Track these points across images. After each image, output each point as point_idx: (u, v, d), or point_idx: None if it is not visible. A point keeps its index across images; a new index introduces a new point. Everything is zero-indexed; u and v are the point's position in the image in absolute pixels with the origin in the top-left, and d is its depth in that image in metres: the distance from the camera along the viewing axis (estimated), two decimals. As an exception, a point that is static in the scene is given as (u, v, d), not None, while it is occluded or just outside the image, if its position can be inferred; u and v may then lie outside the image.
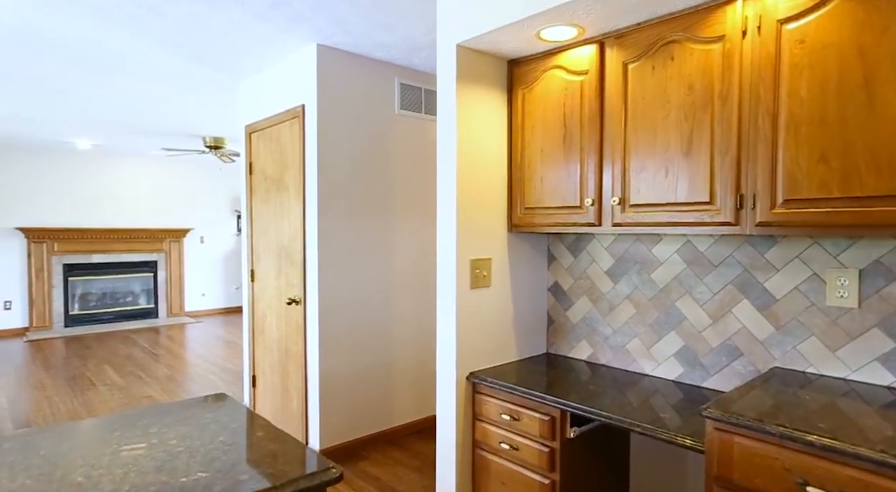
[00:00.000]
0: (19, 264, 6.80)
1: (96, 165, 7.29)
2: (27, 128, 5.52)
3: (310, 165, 2.96)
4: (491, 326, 2.17)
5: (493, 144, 2.15)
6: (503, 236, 2.20)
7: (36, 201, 6.89)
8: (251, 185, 3.60)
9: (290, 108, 3.12)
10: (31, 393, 4.28)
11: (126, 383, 4.56)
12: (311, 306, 2.99)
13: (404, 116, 3.28)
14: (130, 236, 7.48)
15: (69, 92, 4.07)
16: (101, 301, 7.44)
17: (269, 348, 3.44)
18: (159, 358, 5.45)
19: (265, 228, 3.45)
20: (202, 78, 3.67)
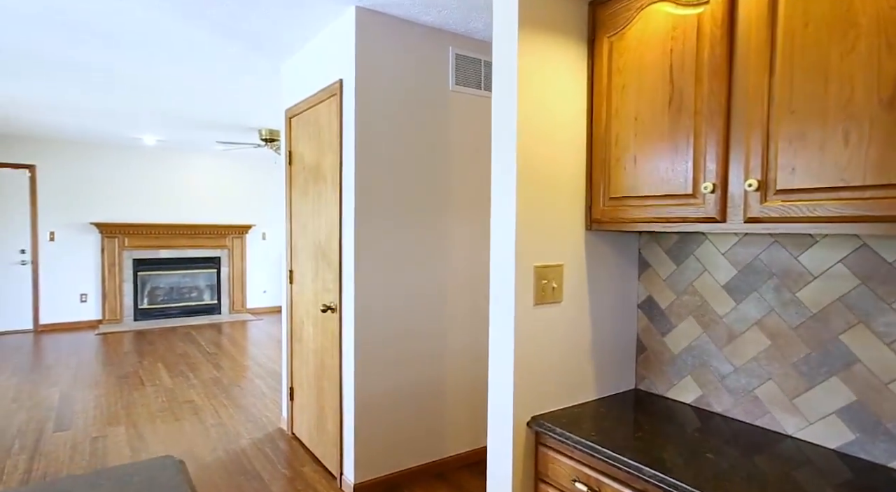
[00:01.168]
0: (94, 259, 6.99)
1: (163, 161, 7.38)
2: (100, 123, 5.56)
3: (347, 151, 2.54)
4: (561, 353, 1.63)
5: (567, 113, 1.60)
6: (579, 236, 1.66)
7: (109, 197, 7.06)
8: (290, 176, 3.25)
9: (327, 84, 2.72)
10: (83, 391, 4.21)
11: (173, 384, 4.40)
12: (346, 315, 2.57)
13: (460, 94, 2.79)
14: (195, 232, 7.53)
15: (125, 82, 3.93)
16: (168, 296, 7.53)
17: (306, 360, 3.07)
18: (212, 358, 5.31)
19: (303, 225, 3.08)
20: (245, 60, 3.36)
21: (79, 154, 6.85)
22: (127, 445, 3.17)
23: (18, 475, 2.80)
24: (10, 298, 6.56)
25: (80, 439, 3.27)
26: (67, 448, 3.13)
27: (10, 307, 6.56)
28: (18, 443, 3.21)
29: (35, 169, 6.63)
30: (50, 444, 3.20)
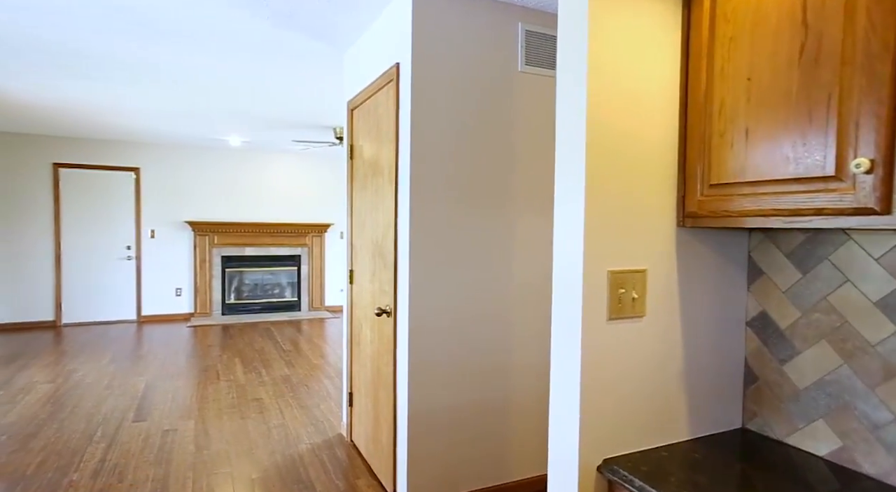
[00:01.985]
0: (188, 255, 7.41)
1: (247, 161, 7.68)
2: (190, 126, 5.84)
3: (403, 140, 2.33)
4: (643, 380, 1.29)
5: (654, 76, 1.27)
6: (667, 234, 1.31)
7: (200, 197, 7.45)
8: (352, 170, 3.11)
9: (384, 70, 2.52)
10: (166, 382, 4.37)
11: (245, 380, 4.46)
12: (401, 320, 2.36)
13: (531, 75, 2.48)
14: (277, 231, 7.76)
15: (200, 82, 4.02)
16: (252, 292, 7.83)
17: (364, 365, 2.91)
18: (285, 355, 5.37)
19: (362, 222, 2.92)
20: (308, 52, 3.27)
21: (175, 157, 7.29)
22: (192, 441, 3.19)
23: (93, 464, 2.88)
24: (118, 291, 7.10)
25: (153, 430, 3.34)
26: (140, 440, 3.20)
27: (118, 299, 7.11)
28: (101, 430, 3.34)
29: (139, 171, 7.13)
30: (126, 434, 3.29)
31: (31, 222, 6.66)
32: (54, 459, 2.95)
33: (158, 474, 2.77)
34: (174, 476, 2.75)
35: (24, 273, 6.64)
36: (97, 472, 2.80)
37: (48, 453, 3.03)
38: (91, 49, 3.30)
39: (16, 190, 6.58)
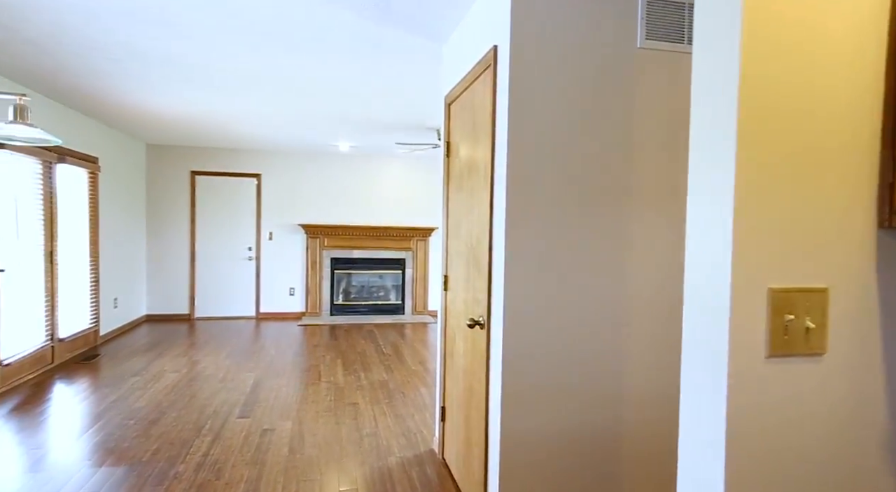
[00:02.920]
0: (301, 257, 7.78)
1: (355, 166, 7.89)
2: (304, 133, 6.10)
3: (500, 131, 2.07)
4: (821, 447, 0.91)
5: (839, 25, 0.89)
6: (862, 239, 0.92)
7: (312, 200, 7.79)
8: (448, 169, 2.91)
9: (481, 56, 2.29)
10: (272, 379, 4.52)
11: (345, 383, 4.47)
12: (495, 332, 2.10)
13: (652, 52, 2.10)
14: (383, 234, 7.87)
15: (305, 88, 4.10)
16: (359, 294, 8.03)
17: (456, 379, 2.69)
18: (385, 359, 5.34)
19: (457, 224, 2.71)
20: (408, 47, 3.15)
21: (291, 162, 7.69)
22: (287, 443, 3.19)
23: (198, 458, 2.97)
24: (240, 289, 7.64)
25: (253, 428, 3.40)
26: (241, 437, 3.27)
27: (239, 296, 7.64)
28: (210, 424, 3.48)
29: (260, 177, 7.63)
30: (230, 429, 3.39)
31: (174, 224, 7.38)
32: (167, 448, 3.09)
33: (252, 475, 2.77)
34: (266, 479, 2.74)
35: (167, 270, 7.38)
36: (200, 466, 2.87)
37: (163, 441, 3.19)
38: (208, 59, 3.46)
39: (163, 195, 7.34)
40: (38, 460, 2.93)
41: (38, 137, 1.57)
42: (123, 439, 3.22)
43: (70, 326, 5.19)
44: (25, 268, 4.44)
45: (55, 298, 4.87)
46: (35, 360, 4.59)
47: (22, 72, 3.88)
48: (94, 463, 2.89)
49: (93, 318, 5.64)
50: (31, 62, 3.64)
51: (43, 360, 4.72)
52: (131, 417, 3.59)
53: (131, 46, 3.26)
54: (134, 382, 4.39)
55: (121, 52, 3.37)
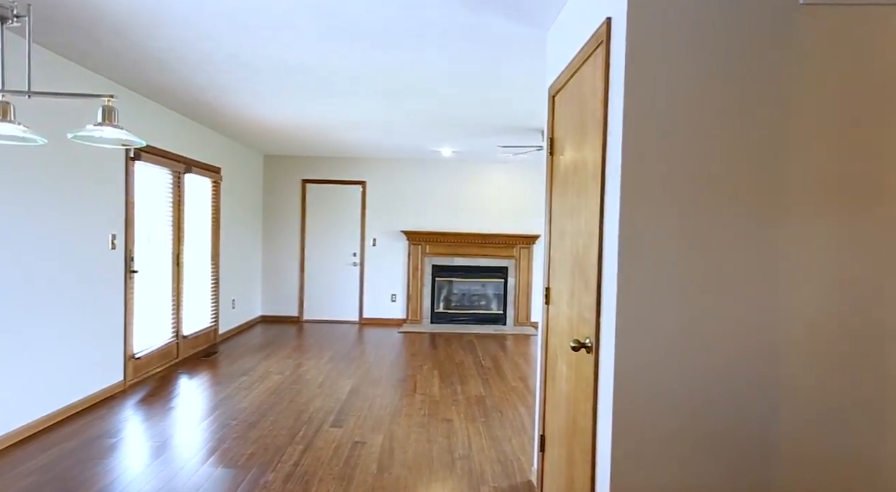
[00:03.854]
0: (403, 263, 7.81)
1: (457, 172, 7.76)
2: (408, 139, 6.09)
3: (613, 119, 1.74)
4: None
5: None
6: None
7: (414, 207, 7.79)
8: (551, 168, 2.60)
9: (591, 33, 1.97)
10: (367, 388, 4.46)
11: (440, 396, 4.28)
12: (605, 361, 1.75)
13: (821, 9, 1.64)
14: (485, 241, 7.66)
15: (405, 90, 4.01)
16: (459, 302, 7.87)
17: (558, 407, 2.35)
18: (484, 372, 5.08)
19: (561, 230, 2.38)
20: (507, 34, 2.90)
21: (395, 169, 7.77)
22: (377, 459, 3.04)
23: (288, 467, 2.92)
24: (344, 294, 7.84)
25: (344, 440, 3.32)
26: (331, 448, 3.19)
27: (344, 301, 7.84)
28: (304, 430, 3.46)
29: (365, 184, 7.79)
30: (322, 439, 3.33)
31: (286, 230, 7.77)
32: (261, 453, 3.09)
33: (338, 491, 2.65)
34: (352, 498, 2.60)
35: (279, 274, 7.78)
36: (289, 476, 2.81)
37: (259, 446, 3.20)
38: (307, 65, 3.47)
39: (277, 203, 7.76)
40: (154, 451, 3.06)
41: (123, 137, 1.53)
42: (224, 439, 3.29)
43: (193, 325, 5.58)
44: (156, 270, 4.82)
45: (181, 298, 5.25)
46: (162, 355, 4.96)
47: (151, 87, 4.21)
48: (196, 462, 2.96)
49: (213, 317, 6.04)
50: (158, 78, 3.92)
51: (169, 355, 5.09)
52: (234, 417, 3.68)
53: (238, 57, 3.36)
54: (242, 381, 4.56)
55: (230, 63, 3.49)
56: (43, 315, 3.41)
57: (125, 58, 3.45)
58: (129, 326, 4.34)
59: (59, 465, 2.90)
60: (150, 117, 4.60)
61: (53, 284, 3.49)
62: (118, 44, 3.19)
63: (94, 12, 2.73)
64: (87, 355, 3.84)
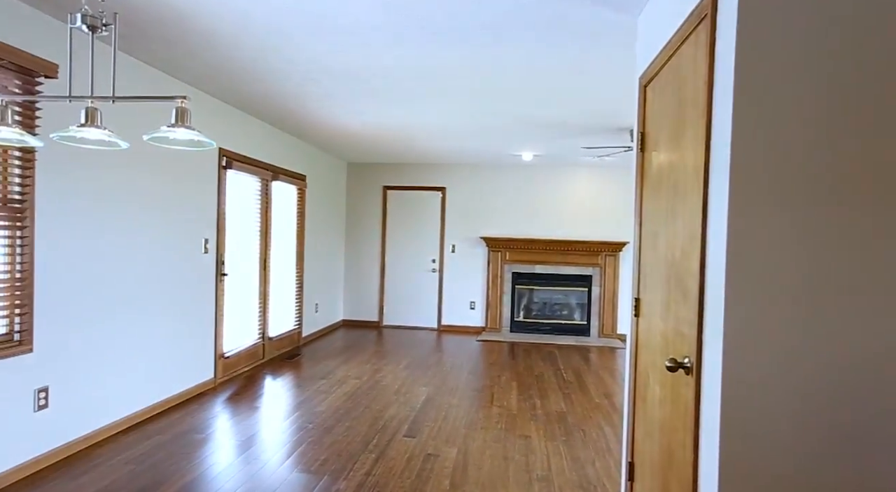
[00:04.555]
0: (482, 270, 7.67)
1: (539, 176, 7.51)
2: (488, 144, 5.98)
3: (719, 104, 1.49)
4: None
5: None
6: None
7: (494, 213, 7.64)
8: (641, 166, 2.35)
9: (693, 6, 1.72)
10: (443, 397, 4.35)
11: (518, 410, 4.07)
12: (709, 385, 1.50)
13: None
14: (568, 249, 7.33)
15: (488, 91, 3.89)
16: (540, 311, 7.59)
17: (650, 433, 2.09)
18: (565, 386, 4.80)
19: (653, 234, 2.13)
20: (593, 21, 2.69)
21: (475, 175, 7.67)
22: (449, 475, 2.91)
23: (359, 477, 2.86)
24: (423, 300, 7.83)
25: (417, 451, 3.22)
26: (403, 459, 3.10)
27: (423, 307, 7.83)
28: (377, 439, 3.40)
29: (445, 190, 7.76)
30: (395, 449, 3.25)
31: (367, 236, 7.92)
32: (334, 460, 3.07)
33: (409, 507, 2.55)
34: (423, 515, 2.48)
35: (360, 279, 7.93)
36: (360, 486, 2.75)
37: (333, 451, 3.18)
38: (385, 67, 3.45)
39: (359, 210, 7.94)
40: (236, 449, 3.14)
41: (195, 138, 1.53)
42: (301, 442, 3.31)
43: (278, 327, 5.78)
44: (244, 273, 5.05)
45: (267, 301, 5.46)
46: (249, 355, 5.17)
47: (241, 97, 4.40)
48: (273, 463, 2.98)
49: (297, 320, 6.24)
50: (246, 88, 4.09)
51: (256, 355, 5.30)
52: (312, 420, 3.71)
53: (317, 63, 3.40)
54: (321, 385, 4.63)
55: (310, 71, 3.55)
56: (145, 314, 3.63)
57: (215, 69, 3.62)
58: (219, 327, 4.55)
59: (153, 456, 3.04)
60: (239, 127, 4.83)
61: (154, 285, 3.72)
62: (209, 55, 3.34)
63: (186, 25, 2.86)
64: (182, 353, 4.06)
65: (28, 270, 2.79)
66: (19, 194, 2.75)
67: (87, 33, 1.64)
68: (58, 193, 2.94)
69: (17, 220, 2.74)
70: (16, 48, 2.63)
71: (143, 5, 2.61)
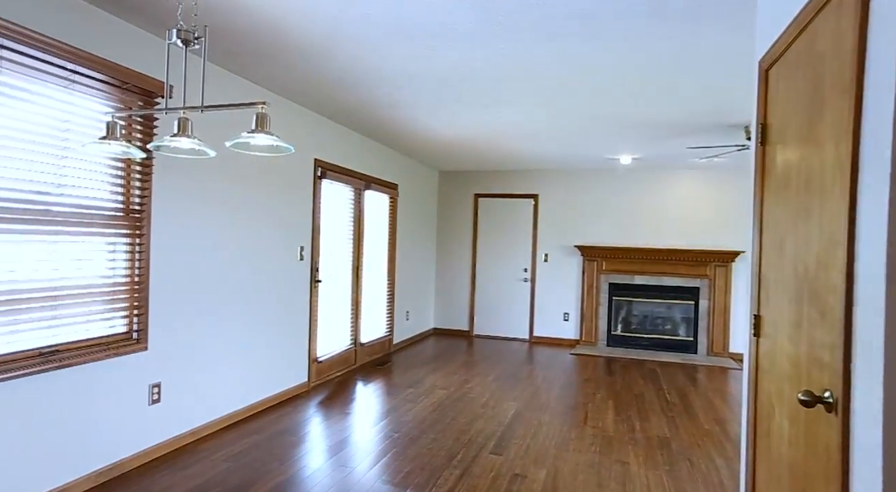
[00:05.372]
0: (576, 281, 7.32)
1: (638, 181, 7.03)
2: (583, 147, 5.72)
3: (875, 84, 1.20)
4: None
5: None
6: None
7: (589, 220, 7.27)
8: (762, 161, 2.03)
9: (829, -31, 1.43)
10: (533, 413, 4.14)
11: (614, 432, 3.75)
12: (863, 428, 1.20)
13: None
14: (671, 258, 6.78)
15: (579, 86, 3.68)
16: (640, 325, 7.09)
17: (776, 475, 1.77)
18: (669, 409, 4.38)
19: (778, 242, 1.81)
20: (704, 5, 2.41)
21: (568, 181, 7.37)
22: (537, 499, 2.71)
23: (443, 492, 2.76)
24: (514, 310, 7.63)
25: (503, 471, 3.05)
26: (489, 478, 2.95)
27: (514, 318, 7.63)
28: (462, 454, 3.29)
29: (537, 197, 7.53)
30: (480, 466, 3.11)
31: (458, 245, 7.89)
32: (417, 473, 2.99)
33: (493, 532, 2.39)
34: (507, 542, 2.31)
35: (451, 287, 7.91)
36: (443, 503, 2.64)
37: (416, 464, 3.11)
38: (471, 69, 3.36)
39: (450, 218, 7.94)
40: (325, 453, 3.18)
41: (274, 144, 1.52)
42: (386, 451, 3.28)
43: (369, 333, 5.89)
44: (336, 280, 5.19)
45: (359, 307, 5.57)
46: (342, 360, 5.30)
47: (335, 108, 4.54)
48: (359, 472, 2.97)
49: (388, 327, 6.33)
50: (337, 99, 4.20)
51: (348, 361, 5.42)
52: (397, 430, 3.68)
53: (405, 71, 3.39)
54: (408, 393, 4.61)
55: (398, 78, 3.55)
56: (245, 317, 3.83)
57: (308, 81, 3.74)
58: (313, 332, 4.70)
59: (248, 455, 3.16)
60: (333, 138, 5.00)
61: (253, 290, 3.91)
62: (302, 67, 3.46)
63: (279, 39, 2.97)
64: (278, 356, 4.23)
65: (144, 275, 3.02)
66: (139, 204, 2.99)
67: (181, 47, 1.71)
68: (168, 202, 3.17)
69: (137, 228, 2.98)
70: (139, 72, 2.87)
71: (237, 22, 2.74)
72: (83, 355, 2.66)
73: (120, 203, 2.88)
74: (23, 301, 2.40)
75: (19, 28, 2.28)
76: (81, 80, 2.61)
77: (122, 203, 2.90)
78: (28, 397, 2.43)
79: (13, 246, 2.36)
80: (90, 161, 2.69)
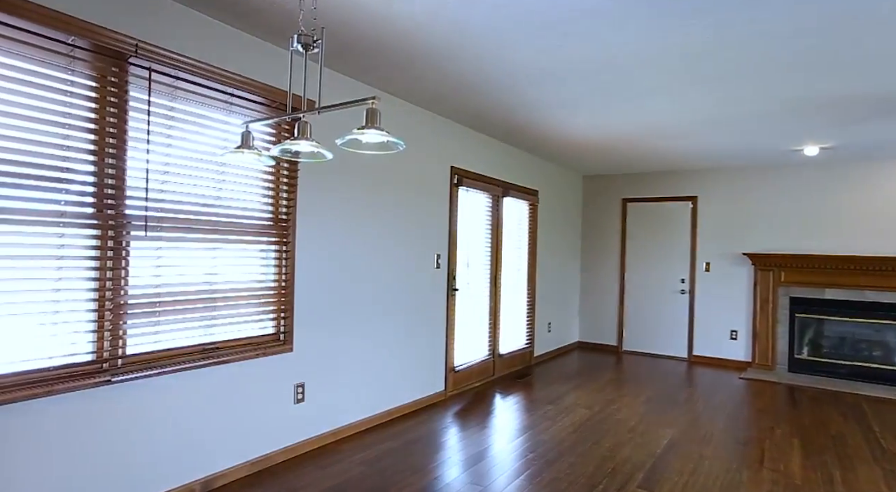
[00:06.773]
0: (746, 293, 6.35)
1: (827, 176, 5.86)
2: (755, 139, 4.97)
3: None
4: None
5: None
6: None
7: (762, 224, 6.26)
8: None
9: None
10: (691, 445, 3.58)
11: (802, 480, 3.05)
12: None
13: None
14: (877, 268, 5.51)
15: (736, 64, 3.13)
16: (834, 349, 5.86)
17: None
18: (884, 457, 3.46)
19: None
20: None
21: (734, 180, 6.44)
22: (697, 553, 2.26)
23: (582, 527, 2.45)
24: (670, 325, 6.86)
25: (655, 511, 2.63)
26: (636, 518, 2.56)
27: (669, 333, 6.86)
28: (604, 485, 2.93)
29: (696, 200, 6.72)
30: (627, 501, 2.73)
31: (605, 254, 7.36)
32: (553, 501, 2.72)
33: None
34: None
35: (597, 299, 7.39)
36: (581, 541, 2.34)
37: (552, 490, 2.84)
38: (608, 54, 3.03)
39: (595, 225, 7.45)
40: (459, 466, 3.07)
41: (385, 140, 1.44)
42: (517, 473, 3.05)
43: (508, 345, 5.70)
44: (474, 289, 5.11)
45: (497, 317, 5.43)
46: (480, 370, 5.19)
47: (468, 114, 4.48)
48: (488, 491, 2.80)
49: (528, 339, 6.08)
50: (469, 104, 4.13)
51: (486, 371, 5.30)
52: (534, 449, 3.43)
53: (538, 65, 3.18)
54: (547, 410, 4.31)
55: (532, 74, 3.35)
56: (383, 323, 3.91)
57: (440, 88, 3.72)
58: (450, 341, 4.66)
59: (383, 460, 3.17)
60: (469, 145, 4.95)
61: (390, 296, 3.99)
62: (432, 75, 3.44)
63: (408, 49, 2.97)
64: (415, 363, 4.26)
65: (290, 280, 3.22)
66: (285, 214, 3.20)
67: (301, 53, 1.73)
68: (311, 212, 3.35)
69: (283, 236, 3.19)
70: (276, 88, 3.09)
71: (370, 36, 2.79)
72: (237, 353, 2.89)
73: (269, 213, 3.10)
74: (190, 302, 2.68)
75: (188, 59, 2.57)
76: (238, 102, 2.87)
77: (272, 213, 3.12)
78: (193, 387, 2.70)
79: (182, 252, 2.65)
80: (245, 175, 2.94)
